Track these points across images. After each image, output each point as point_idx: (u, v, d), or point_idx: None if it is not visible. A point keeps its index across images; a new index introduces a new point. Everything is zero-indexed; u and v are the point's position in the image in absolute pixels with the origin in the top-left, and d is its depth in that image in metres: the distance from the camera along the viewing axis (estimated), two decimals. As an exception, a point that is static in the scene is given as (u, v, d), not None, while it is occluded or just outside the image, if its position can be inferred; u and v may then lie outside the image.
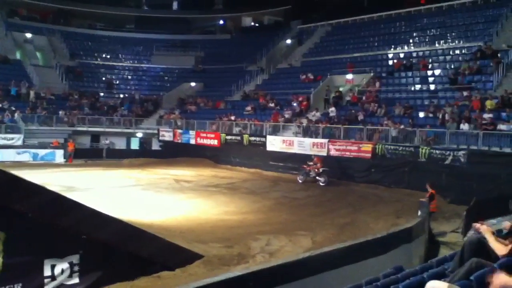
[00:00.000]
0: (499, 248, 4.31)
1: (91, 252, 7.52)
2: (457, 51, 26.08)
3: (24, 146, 27.63)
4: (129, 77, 41.18)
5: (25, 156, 26.84)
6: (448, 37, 27.49)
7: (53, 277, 7.16)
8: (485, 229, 4.58)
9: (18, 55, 37.44)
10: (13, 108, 29.84)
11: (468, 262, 3.88)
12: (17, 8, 42.20)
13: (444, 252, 10.73)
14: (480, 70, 22.62)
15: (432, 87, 24.20)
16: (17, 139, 27.83)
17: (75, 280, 7.40)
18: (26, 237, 6.87)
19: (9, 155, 26.11)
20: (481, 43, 24.51)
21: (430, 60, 26.40)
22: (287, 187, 20.90)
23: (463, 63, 23.89)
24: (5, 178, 6.61)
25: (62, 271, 7.24)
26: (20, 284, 6.77)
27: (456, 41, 26.81)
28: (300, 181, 21.77)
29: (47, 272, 7.11)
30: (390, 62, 28.55)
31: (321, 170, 21.00)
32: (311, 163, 21.40)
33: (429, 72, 25.31)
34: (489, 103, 19.15)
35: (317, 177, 21.12)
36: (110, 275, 7.65)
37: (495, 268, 3.46)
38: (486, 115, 18.35)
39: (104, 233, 7.67)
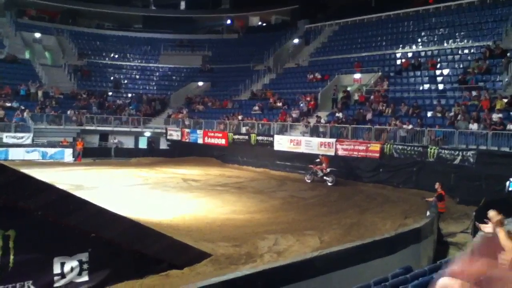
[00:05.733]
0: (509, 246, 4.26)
1: (100, 250, 7.56)
2: (466, 51, 25.88)
3: (33, 145, 27.85)
4: (137, 76, 41.31)
5: (34, 155, 27.05)
6: (457, 37, 27.28)
7: (62, 275, 7.22)
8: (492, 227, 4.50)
9: (27, 55, 37.73)
10: (23, 107, 30.12)
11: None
12: (26, 8, 42.47)
13: (453, 252, 10.69)
14: (489, 70, 22.44)
15: (440, 86, 24.04)
16: (27, 138, 28.09)
17: (85, 278, 7.46)
18: (35, 235, 6.92)
19: (18, 154, 26.36)
20: (490, 42, 24.26)
21: (439, 60, 26.21)
22: (294, 186, 20.87)
23: (472, 62, 23.71)
24: (14, 177, 6.65)
25: (72, 269, 7.30)
26: (31, 281, 6.84)
27: (465, 40, 26.59)
28: (308, 180, 21.70)
29: (56, 269, 7.17)
30: (398, 62, 28.39)
31: (328, 170, 20.94)
32: (318, 160, 21.37)
33: (438, 72, 25.15)
34: (498, 103, 19.01)
35: (324, 177, 21.06)
36: (118, 273, 7.70)
37: None
38: (495, 115, 18.20)
39: (112, 231, 7.70)
